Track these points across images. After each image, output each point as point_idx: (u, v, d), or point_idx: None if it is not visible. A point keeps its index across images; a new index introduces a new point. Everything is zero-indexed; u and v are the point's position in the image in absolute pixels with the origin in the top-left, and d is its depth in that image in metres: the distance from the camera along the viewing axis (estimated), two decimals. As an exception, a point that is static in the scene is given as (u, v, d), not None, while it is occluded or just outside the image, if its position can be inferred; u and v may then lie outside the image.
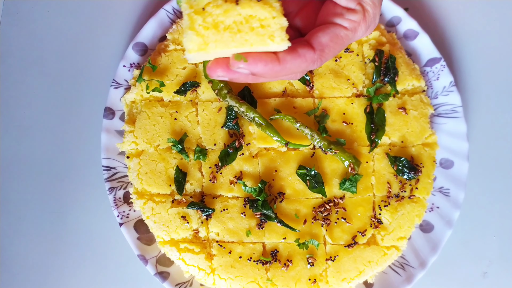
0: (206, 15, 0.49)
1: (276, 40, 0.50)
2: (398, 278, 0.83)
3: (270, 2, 0.50)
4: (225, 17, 0.49)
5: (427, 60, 0.89)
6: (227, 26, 0.50)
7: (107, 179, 0.83)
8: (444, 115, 0.88)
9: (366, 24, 0.57)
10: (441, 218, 0.85)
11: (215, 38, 0.50)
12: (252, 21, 0.50)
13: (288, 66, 0.53)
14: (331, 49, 0.55)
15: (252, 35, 0.50)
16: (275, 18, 0.50)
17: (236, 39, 0.50)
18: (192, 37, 0.50)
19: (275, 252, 0.80)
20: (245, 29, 0.50)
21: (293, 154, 0.83)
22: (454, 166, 0.86)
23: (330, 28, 0.55)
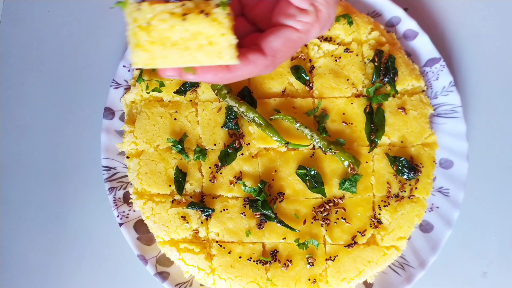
0: (151, 30, 0.48)
1: (225, 58, 0.49)
2: (398, 278, 0.83)
3: (218, 19, 0.48)
4: (171, 32, 0.48)
5: (426, 60, 0.89)
6: (174, 42, 0.48)
7: (107, 179, 0.83)
8: (444, 115, 0.88)
9: (320, 24, 0.55)
10: (441, 218, 0.85)
11: (162, 54, 0.49)
12: (200, 37, 0.48)
13: (239, 74, 0.52)
14: (283, 53, 0.54)
15: (200, 52, 0.49)
16: (223, 35, 0.48)
17: (184, 56, 0.49)
18: (138, 52, 0.48)
19: (275, 252, 0.80)
20: (193, 46, 0.48)
21: (292, 154, 0.83)
22: (453, 166, 0.86)
23: (282, 32, 0.54)
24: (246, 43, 0.56)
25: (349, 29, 0.86)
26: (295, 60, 0.85)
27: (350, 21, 0.86)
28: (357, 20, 0.86)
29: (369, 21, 0.87)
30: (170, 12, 0.47)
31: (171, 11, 0.47)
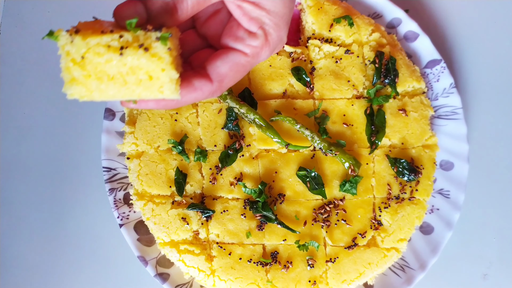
0: (86, 64, 0.45)
1: (166, 93, 0.46)
2: (398, 280, 0.83)
3: (158, 53, 0.45)
4: (108, 67, 0.45)
5: (427, 61, 0.89)
6: (111, 76, 0.45)
7: (107, 180, 0.83)
8: (444, 117, 0.88)
9: (270, 47, 0.54)
10: (441, 220, 0.85)
11: (98, 88, 0.46)
12: (139, 72, 0.45)
13: (183, 101, 0.51)
14: (230, 78, 0.53)
15: (140, 86, 0.46)
16: (164, 70, 0.45)
17: (122, 90, 0.46)
18: (72, 87, 0.45)
19: (275, 254, 0.80)
20: (131, 80, 0.45)
21: (293, 156, 0.83)
22: (454, 168, 0.86)
23: (230, 56, 0.52)
24: (194, 61, 0.55)
25: (350, 30, 0.86)
26: (296, 61, 0.85)
27: (351, 22, 0.86)
28: (358, 21, 0.86)
29: (370, 23, 0.87)
30: (106, 45, 0.44)
31: (108, 44, 0.44)
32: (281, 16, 0.53)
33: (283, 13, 0.53)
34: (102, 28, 0.46)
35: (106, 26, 0.47)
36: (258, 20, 0.52)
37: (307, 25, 0.87)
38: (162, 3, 0.48)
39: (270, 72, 0.84)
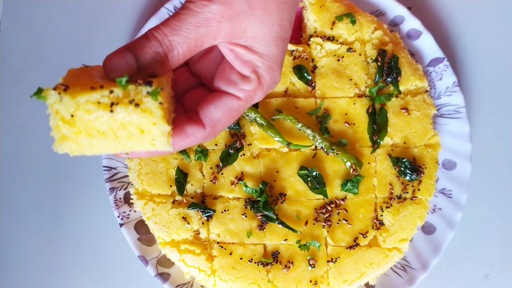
0: (75, 121, 0.44)
1: (158, 145, 0.46)
2: (400, 280, 0.83)
3: (149, 109, 0.44)
4: (98, 123, 0.44)
5: (430, 60, 0.88)
6: (101, 132, 0.45)
7: (107, 179, 0.82)
8: (447, 116, 0.87)
9: (263, 90, 0.53)
10: (443, 220, 0.84)
11: (89, 143, 0.45)
12: (130, 127, 0.45)
13: (176, 147, 0.51)
14: (224, 122, 0.52)
15: (131, 140, 0.45)
16: (155, 124, 0.45)
17: (113, 144, 0.45)
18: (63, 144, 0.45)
19: (276, 254, 0.80)
20: (122, 135, 0.45)
21: (294, 155, 0.82)
22: (456, 167, 0.86)
23: (223, 100, 0.52)
24: (187, 102, 0.55)
25: (352, 28, 0.85)
26: (298, 59, 0.84)
27: (353, 20, 0.85)
28: (360, 19, 0.86)
29: (372, 20, 0.86)
30: (96, 102, 0.44)
31: (98, 101, 0.44)
32: (274, 58, 0.52)
33: (276, 55, 0.52)
34: (92, 83, 0.45)
35: (96, 77, 0.47)
36: (251, 63, 0.51)
37: (309, 23, 0.86)
38: (153, 53, 0.47)
39: (271, 70, 0.83)
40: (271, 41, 0.51)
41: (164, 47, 0.47)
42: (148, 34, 0.47)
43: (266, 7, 0.49)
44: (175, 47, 0.47)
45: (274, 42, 0.51)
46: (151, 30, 0.47)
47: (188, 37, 0.47)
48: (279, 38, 0.51)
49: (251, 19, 0.49)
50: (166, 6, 0.86)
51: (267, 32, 0.50)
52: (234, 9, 0.48)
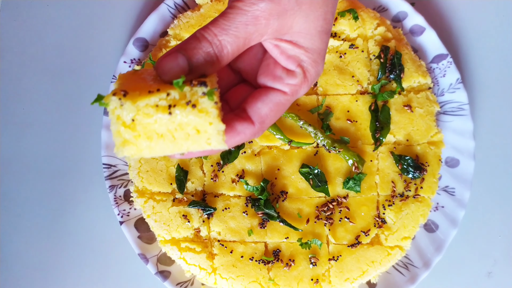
0: (136, 125, 0.45)
1: (213, 144, 0.47)
2: (402, 278, 0.82)
3: (206, 109, 0.45)
4: (157, 126, 0.45)
5: (433, 56, 0.87)
6: (160, 134, 0.46)
7: (107, 177, 0.82)
8: (450, 113, 0.86)
9: (308, 83, 0.54)
10: (446, 218, 0.84)
11: (148, 146, 0.46)
12: (187, 128, 0.46)
13: (228, 144, 0.51)
14: (272, 117, 0.53)
15: (188, 141, 0.47)
16: (212, 124, 0.46)
17: (171, 146, 0.47)
18: (124, 148, 0.46)
19: (277, 252, 0.79)
20: (180, 136, 0.46)
21: (296, 153, 0.81)
22: (459, 165, 0.85)
23: (269, 96, 0.52)
24: (231, 99, 0.55)
25: (354, 24, 0.84)
26: (299, 56, 0.83)
27: (356, 16, 0.84)
28: (363, 15, 0.85)
29: (375, 16, 0.85)
30: (154, 105, 0.45)
31: (156, 104, 0.45)
32: (319, 52, 0.53)
33: (320, 49, 0.53)
34: (148, 87, 0.46)
35: (148, 80, 0.48)
36: (296, 58, 0.52)
37: (311, 18, 0.85)
38: (204, 54, 0.48)
39: (272, 67, 0.82)
40: (316, 35, 0.51)
41: (214, 47, 0.48)
42: (197, 35, 0.48)
43: (312, 2, 0.50)
44: (225, 46, 0.48)
45: (318, 36, 0.51)
46: (200, 31, 0.48)
47: (238, 36, 0.48)
48: (323, 31, 0.52)
49: (298, 14, 0.49)
50: (166, 2, 0.85)
51: (312, 26, 0.51)
52: (282, 6, 0.48)
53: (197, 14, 0.83)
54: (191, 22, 0.83)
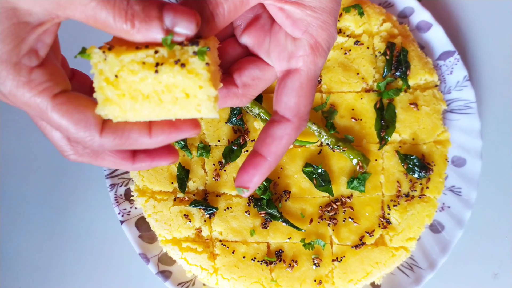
0: (120, 82, 0.42)
1: (203, 111, 0.43)
2: (406, 280, 0.81)
3: (195, 70, 0.42)
4: (142, 85, 0.42)
5: (440, 53, 0.86)
6: (145, 95, 0.43)
7: (108, 175, 0.81)
8: (457, 111, 0.85)
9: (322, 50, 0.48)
10: (452, 218, 0.82)
11: (133, 107, 0.43)
12: (175, 90, 0.42)
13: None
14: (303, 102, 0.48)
15: (176, 105, 0.43)
16: (202, 88, 0.42)
17: (158, 110, 0.43)
18: (106, 107, 0.43)
19: (280, 252, 0.78)
20: (167, 99, 0.43)
21: (299, 151, 0.80)
22: (466, 164, 0.83)
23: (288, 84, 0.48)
24: (236, 71, 0.51)
25: (359, 20, 0.82)
26: (303, 53, 0.82)
27: (361, 11, 0.82)
28: (368, 10, 0.83)
29: (381, 12, 0.84)
30: (141, 62, 0.42)
31: (142, 61, 0.42)
32: (329, 11, 0.46)
33: (330, 7, 0.46)
34: (137, 45, 0.43)
35: None
36: (302, 22, 0.46)
37: (315, 14, 0.84)
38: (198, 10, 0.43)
39: (276, 64, 0.81)
40: None
41: (208, 2, 0.43)
42: None
43: None
44: (220, 3, 0.43)
45: None
46: None
47: None
48: None
49: None
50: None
51: None
52: None
53: (199, 10, 0.82)
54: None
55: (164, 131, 0.45)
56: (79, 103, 0.44)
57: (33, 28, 0.42)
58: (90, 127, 0.43)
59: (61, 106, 0.43)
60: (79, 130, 0.43)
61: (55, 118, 0.43)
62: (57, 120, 0.43)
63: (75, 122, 0.43)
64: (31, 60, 0.42)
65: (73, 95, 0.44)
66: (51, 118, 0.43)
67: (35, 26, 0.42)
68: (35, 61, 0.43)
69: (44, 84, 0.42)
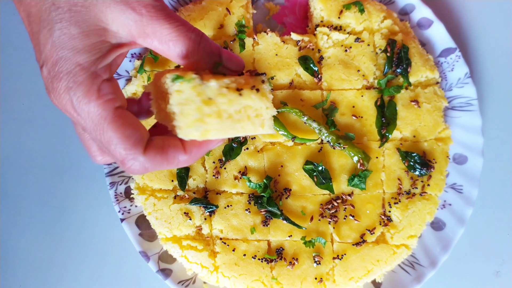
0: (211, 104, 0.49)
1: (266, 128, 0.52)
2: (408, 277, 0.80)
3: (266, 94, 0.51)
4: (228, 106, 0.50)
5: (441, 50, 0.85)
6: (229, 115, 0.50)
7: (108, 173, 0.80)
8: (459, 108, 0.84)
9: None
10: (453, 216, 0.82)
11: (217, 126, 0.50)
12: (249, 110, 0.51)
13: None
14: None
15: (248, 123, 0.51)
16: (268, 108, 0.51)
17: (235, 127, 0.51)
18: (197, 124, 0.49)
19: (281, 250, 0.78)
20: (243, 118, 0.51)
21: (300, 149, 0.80)
22: (468, 161, 0.83)
23: None
24: None
25: (360, 17, 0.82)
26: (303, 50, 0.81)
27: (362, 8, 0.82)
28: (369, 7, 0.82)
29: (382, 9, 0.83)
30: (227, 87, 0.50)
31: (228, 86, 0.50)
32: None
33: None
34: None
35: None
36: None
37: (315, 11, 0.83)
38: None
39: (276, 61, 0.81)
40: None
41: None
42: None
43: None
44: None
45: None
46: None
47: None
48: None
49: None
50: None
51: None
52: None
53: (198, 7, 0.81)
54: (192, 15, 0.81)
55: (194, 144, 0.52)
56: (132, 120, 0.50)
57: (115, 47, 0.50)
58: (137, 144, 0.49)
59: (119, 119, 0.48)
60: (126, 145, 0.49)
61: (110, 129, 0.48)
62: (111, 132, 0.48)
63: (126, 137, 0.49)
64: (105, 74, 0.49)
65: (128, 113, 0.50)
66: (107, 129, 0.48)
67: (116, 47, 0.50)
68: (107, 75, 0.50)
69: (110, 95, 0.49)
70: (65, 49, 0.47)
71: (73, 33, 0.47)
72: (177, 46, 0.50)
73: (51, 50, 0.48)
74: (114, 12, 0.48)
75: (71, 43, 0.47)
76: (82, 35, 0.47)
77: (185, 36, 0.49)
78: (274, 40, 0.81)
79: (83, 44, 0.48)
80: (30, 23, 0.49)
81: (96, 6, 0.47)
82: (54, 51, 0.48)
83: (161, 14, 0.49)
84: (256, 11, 0.86)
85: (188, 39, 0.50)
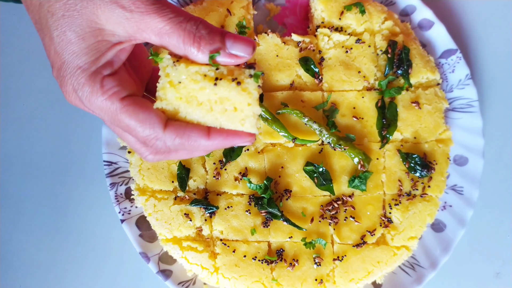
0: (181, 87, 0.49)
1: (246, 126, 0.50)
2: (408, 279, 0.80)
3: (248, 89, 0.49)
4: (200, 93, 0.49)
5: (442, 51, 0.85)
6: (200, 102, 0.49)
7: (108, 174, 0.80)
8: (459, 110, 0.84)
9: None
10: (454, 217, 0.82)
11: (186, 111, 0.50)
12: (227, 102, 0.49)
13: None
14: None
15: (224, 116, 0.49)
16: (250, 105, 0.49)
17: (207, 117, 0.50)
18: (163, 105, 0.50)
19: (281, 251, 0.78)
20: (217, 108, 0.49)
21: (300, 150, 0.80)
22: (468, 163, 0.83)
23: None
24: None
25: (361, 18, 0.82)
26: (304, 51, 0.81)
27: (363, 9, 0.82)
28: (370, 8, 0.82)
29: (383, 10, 0.83)
30: (203, 75, 0.49)
31: (205, 74, 0.49)
32: None
33: None
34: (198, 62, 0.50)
35: None
36: None
37: (316, 12, 0.83)
38: None
39: (277, 62, 0.81)
40: None
41: None
42: None
43: None
44: None
45: None
46: None
47: None
48: None
49: None
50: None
51: None
52: None
53: (199, 8, 0.81)
54: (193, 16, 0.81)
55: (221, 134, 0.52)
56: (143, 105, 0.51)
57: (113, 45, 0.51)
58: (154, 124, 0.50)
59: (128, 107, 0.50)
60: (144, 128, 0.50)
61: (123, 118, 0.50)
62: (126, 120, 0.50)
63: (141, 121, 0.50)
64: (106, 71, 0.51)
65: (138, 98, 0.52)
66: (121, 119, 0.51)
67: (114, 44, 0.51)
68: (109, 71, 0.51)
69: (113, 88, 0.50)
70: (66, 54, 0.50)
71: (70, 38, 0.49)
72: (172, 38, 0.49)
73: (55, 55, 0.51)
74: (105, 12, 0.49)
75: (70, 48, 0.50)
76: (78, 39, 0.49)
77: (178, 28, 0.49)
78: (275, 41, 0.81)
79: (80, 48, 0.50)
80: (38, 30, 0.52)
81: (87, 9, 0.49)
82: (57, 56, 0.51)
83: (152, 8, 0.49)
84: (256, 12, 0.86)
85: (182, 30, 0.49)
